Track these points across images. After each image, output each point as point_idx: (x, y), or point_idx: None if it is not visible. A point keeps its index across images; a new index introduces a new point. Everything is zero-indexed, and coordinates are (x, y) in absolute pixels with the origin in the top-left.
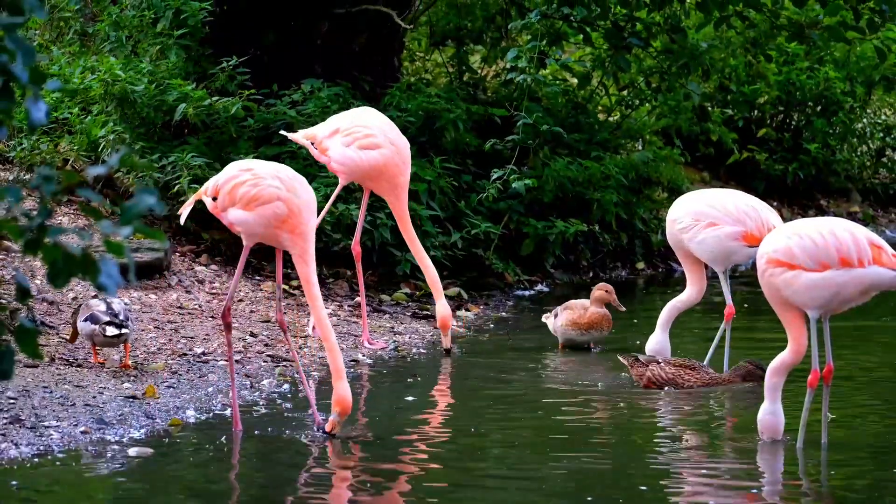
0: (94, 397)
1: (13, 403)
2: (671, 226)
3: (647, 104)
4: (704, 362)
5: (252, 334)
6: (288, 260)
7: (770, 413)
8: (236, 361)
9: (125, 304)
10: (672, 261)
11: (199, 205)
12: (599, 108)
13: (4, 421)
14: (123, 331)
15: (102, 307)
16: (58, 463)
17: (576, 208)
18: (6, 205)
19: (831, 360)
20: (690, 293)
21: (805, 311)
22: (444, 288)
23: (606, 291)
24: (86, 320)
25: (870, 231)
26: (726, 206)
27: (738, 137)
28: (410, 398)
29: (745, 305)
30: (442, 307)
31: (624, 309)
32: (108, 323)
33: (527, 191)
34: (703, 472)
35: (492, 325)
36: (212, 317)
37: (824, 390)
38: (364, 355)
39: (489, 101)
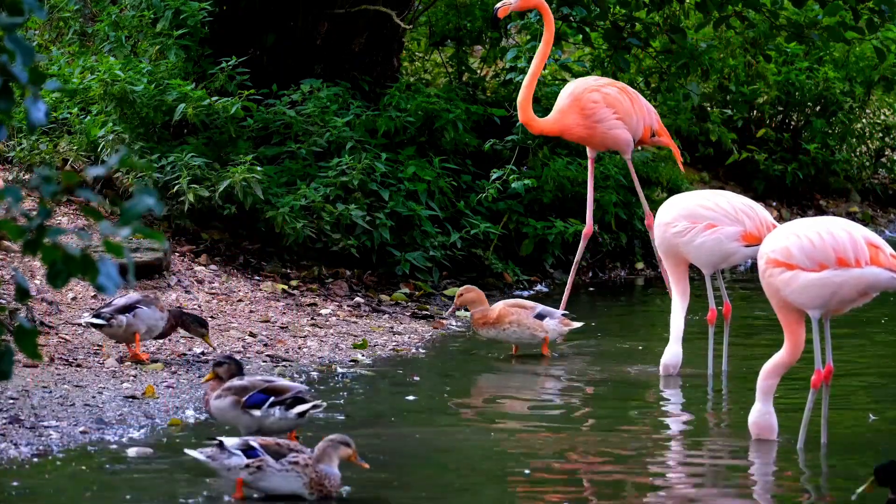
0: (94, 397)
1: (12, 403)
2: (664, 230)
3: None
4: (710, 369)
5: (251, 334)
6: (285, 259)
7: (766, 413)
8: None
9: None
10: None
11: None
12: None
13: (4, 421)
14: (97, 321)
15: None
16: (57, 463)
17: (575, 208)
18: (6, 205)
19: (831, 361)
20: (682, 300)
21: (805, 312)
22: (444, 288)
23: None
24: None
25: (869, 231)
26: (722, 206)
27: (737, 137)
28: (410, 398)
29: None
30: None
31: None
32: (91, 310)
33: (526, 191)
34: (702, 472)
35: None
36: (211, 317)
37: (824, 390)
38: (363, 355)
39: (488, 101)
